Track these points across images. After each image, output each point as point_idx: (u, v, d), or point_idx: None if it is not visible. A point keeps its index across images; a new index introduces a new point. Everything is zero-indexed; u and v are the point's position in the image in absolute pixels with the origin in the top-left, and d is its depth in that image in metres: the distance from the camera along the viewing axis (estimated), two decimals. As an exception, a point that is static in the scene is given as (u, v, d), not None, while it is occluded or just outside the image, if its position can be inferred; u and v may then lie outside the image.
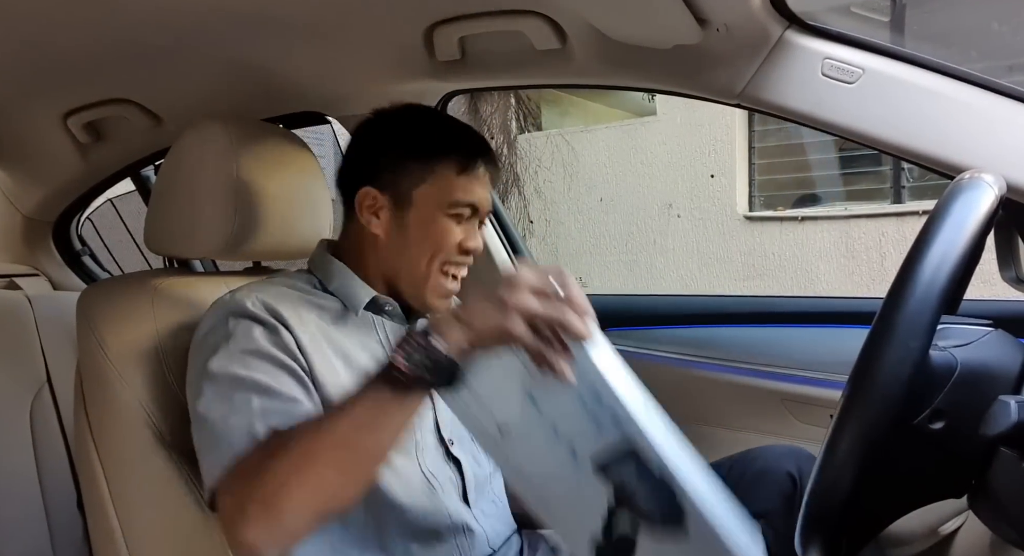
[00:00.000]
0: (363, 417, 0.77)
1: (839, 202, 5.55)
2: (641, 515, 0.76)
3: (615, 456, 0.78)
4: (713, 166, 5.82)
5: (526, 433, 0.80)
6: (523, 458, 0.82)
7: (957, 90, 0.92)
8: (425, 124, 1.06)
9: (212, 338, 0.93)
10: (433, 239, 1.00)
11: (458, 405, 0.81)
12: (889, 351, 0.61)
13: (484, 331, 0.75)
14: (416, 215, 1.00)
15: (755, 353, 1.36)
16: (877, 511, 0.70)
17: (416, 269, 1.01)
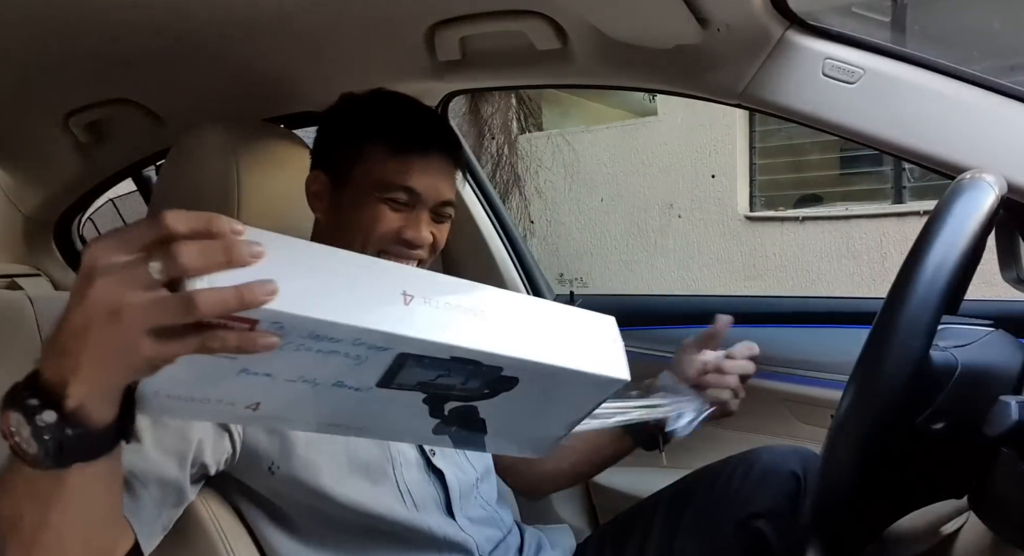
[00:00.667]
0: (22, 491, 0.56)
1: (840, 202, 5.55)
2: (455, 390, 0.64)
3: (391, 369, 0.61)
4: (714, 166, 5.82)
5: (280, 398, 0.61)
6: (303, 414, 0.64)
7: (958, 90, 0.92)
8: (372, 103, 1.01)
9: None
10: (363, 223, 0.94)
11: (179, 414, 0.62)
12: (890, 351, 0.61)
13: (109, 372, 0.50)
14: (351, 196, 0.95)
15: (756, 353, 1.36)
16: (878, 511, 0.70)
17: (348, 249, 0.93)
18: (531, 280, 1.63)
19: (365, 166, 0.95)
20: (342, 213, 0.96)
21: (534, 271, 1.64)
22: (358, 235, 0.94)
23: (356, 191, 0.95)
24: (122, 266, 0.47)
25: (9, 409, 0.52)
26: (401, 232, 0.94)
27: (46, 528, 0.58)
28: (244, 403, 0.60)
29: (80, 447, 0.52)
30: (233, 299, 0.46)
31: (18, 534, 0.58)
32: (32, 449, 0.51)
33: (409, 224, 0.95)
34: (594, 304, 1.64)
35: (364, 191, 0.95)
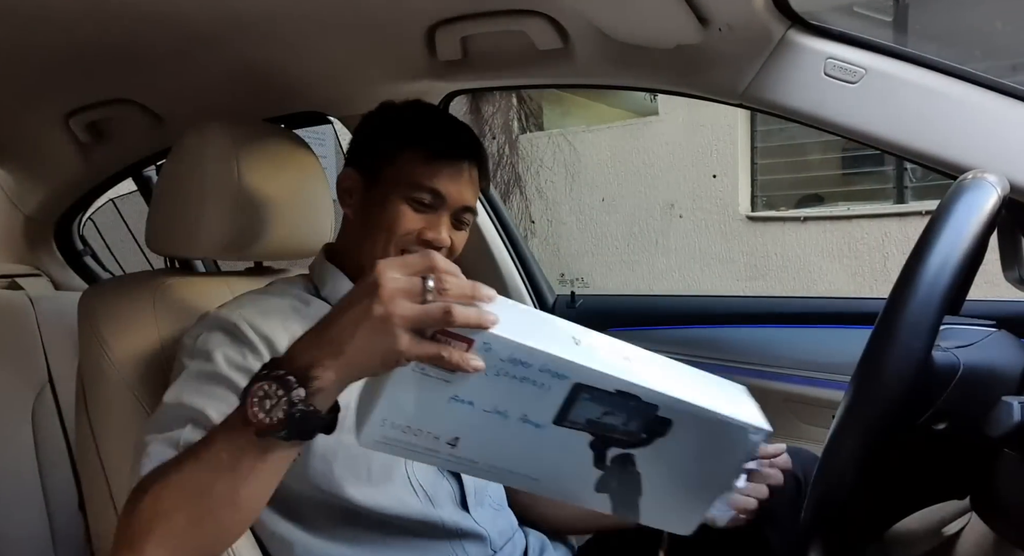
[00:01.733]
0: (215, 463, 0.67)
1: (842, 202, 5.55)
2: (618, 432, 0.74)
3: (567, 401, 0.72)
4: (715, 166, 5.81)
5: (476, 433, 0.72)
6: (490, 457, 0.74)
7: (960, 90, 0.92)
8: (415, 113, 1.06)
9: (187, 350, 0.92)
10: (387, 221, 0.97)
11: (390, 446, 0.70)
12: (892, 352, 0.61)
13: (363, 360, 0.63)
14: (380, 196, 0.99)
15: (757, 353, 1.36)
16: (880, 512, 0.69)
17: (374, 252, 0.97)
18: (532, 280, 1.62)
19: (397, 168, 0.99)
20: (369, 211, 1.00)
21: (535, 271, 1.64)
22: (382, 233, 0.98)
23: (384, 190, 0.99)
24: (405, 280, 0.62)
25: (267, 380, 0.63)
26: (422, 233, 0.98)
27: (232, 504, 0.68)
28: (447, 437, 0.71)
29: (306, 426, 0.64)
30: (475, 317, 0.61)
31: (199, 506, 0.68)
32: (276, 416, 0.63)
33: (430, 225, 0.98)
34: (595, 304, 1.65)
35: (391, 191, 0.98)
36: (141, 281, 1.10)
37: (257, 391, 0.64)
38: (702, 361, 1.41)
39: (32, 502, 1.48)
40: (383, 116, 1.07)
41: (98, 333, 1.02)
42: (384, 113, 1.07)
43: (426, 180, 0.98)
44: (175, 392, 0.87)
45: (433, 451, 0.72)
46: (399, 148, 1.00)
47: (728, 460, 0.78)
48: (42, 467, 1.50)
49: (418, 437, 0.71)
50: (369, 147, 1.04)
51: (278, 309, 0.96)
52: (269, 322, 0.93)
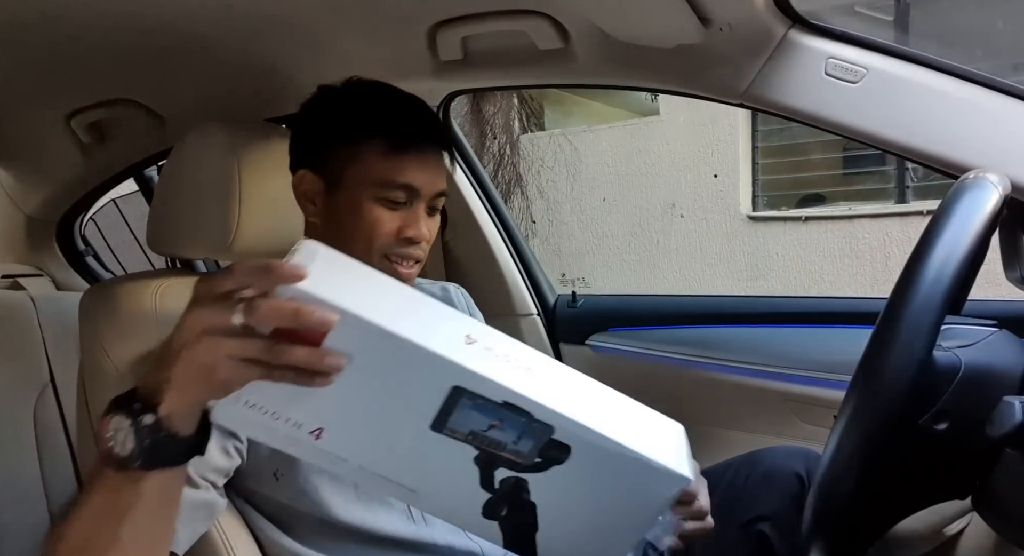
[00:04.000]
0: (97, 506, 0.61)
1: (843, 202, 5.55)
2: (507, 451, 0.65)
3: (445, 405, 0.63)
4: (716, 166, 5.81)
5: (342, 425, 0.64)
6: (360, 455, 0.66)
7: (961, 89, 0.92)
8: (360, 97, 0.97)
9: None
10: (363, 228, 0.92)
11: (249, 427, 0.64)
12: (893, 351, 0.61)
13: (198, 391, 0.58)
14: (346, 199, 0.93)
15: (758, 353, 1.36)
16: (881, 512, 0.69)
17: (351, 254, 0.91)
18: (533, 280, 1.62)
19: (360, 167, 0.93)
20: (338, 217, 0.94)
21: (536, 271, 1.64)
22: (359, 240, 0.92)
23: (352, 193, 0.93)
24: (211, 314, 0.56)
25: (114, 413, 0.59)
26: (401, 232, 0.93)
27: (115, 546, 0.62)
28: (310, 427, 0.63)
29: (166, 451, 0.59)
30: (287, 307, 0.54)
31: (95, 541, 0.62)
32: (128, 448, 0.58)
33: (408, 222, 0.93)
34: (596, 304, 1.65)
35: (359, 193, 0.93)
36: (142, 281, 1.10)
37: (108, 425, 0.59)
38: (702, 361, 1.41)
39: (34, 501, 1.48)
40: (326, 105, 0.98)
41: (99, 333, 1.02)
42: (326, 102, 0.98)
43: (396, 176, 0.92)
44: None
45: (295, 440, 0.64)
46: (357, 143, 0.92)
47: (641, 502, 0.68)
48: (43, 467, 1.50)
49: (277, 421, 0.63)
50: (322, 144, 0.96)
51: None
52: None
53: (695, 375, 1.42)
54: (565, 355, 1.57)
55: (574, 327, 1.57)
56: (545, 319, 1.58)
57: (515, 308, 1.56)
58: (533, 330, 1.56)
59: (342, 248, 0.79)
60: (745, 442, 1.27)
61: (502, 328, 0.68)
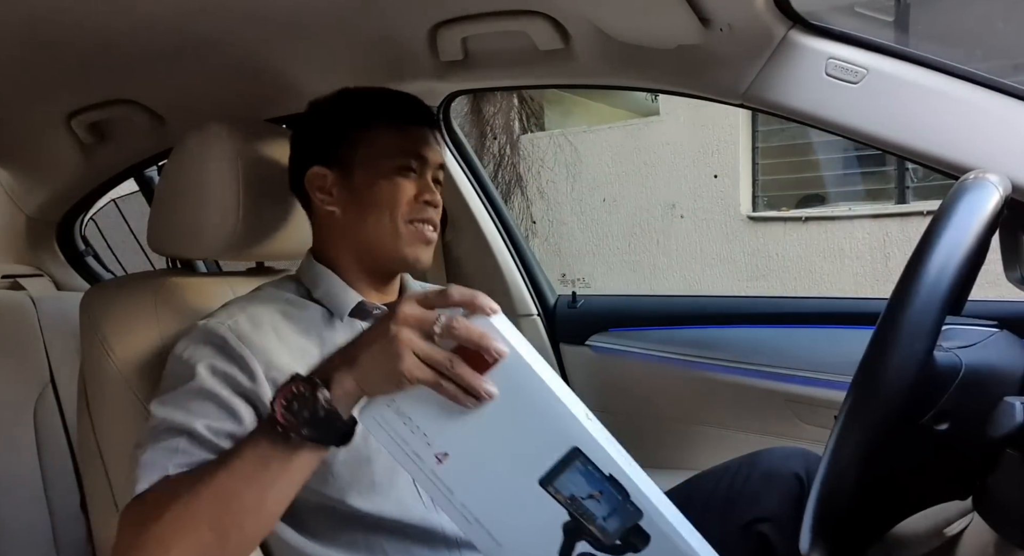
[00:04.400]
0: (243, 471, 0.72)
1: (843, 202, 5.54)
2: (595, 524, 0.72)
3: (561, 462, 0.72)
4: (716, 166, 5.81)
5: (465, 458, 0.72)
6: (467, 492, 0.73)
7: (962, 90, 0.92)
8: (357, 94, 1.06)
9: (175, 362, 0.91)
10: (387, 197, 0.99)
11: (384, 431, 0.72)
12: (893, 352, 0.61)
13: (373, 376, 0.69)
14: (364, 178, 1.00)
15: (758, 354, 1.36)
16: (882, 512, 0.69)
17: (382, 230, 1.00)
18: (533, 280, 1.62)
19: (372, 147, 1.00)
20: (359, 197, 1.01)
21: (536, 271, 1.64)
22: (385, 210, 0.99)
23: (368, 171, 1.00)
24: (420, 312, 0.68)
25: (295, 383, 0.70)
26: (420, 195, 1.01)
27: (257, 512, 0.73)
28: (437, 448, 0.71)
29: (329, 429, 0.70)
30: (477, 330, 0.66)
31: (225, 516, 0.72)
32: (303, 416, 0.69)
33: (423, 188, 1.01)
34: (596, 304, 1.65)
35: (377, 168, 1.00)
36: (143, 281, 1.10)
37: (286, 393, 0.70)
38: (702, 361, 1.41)
39: (34, 502, 1.48)
40: (326, 107, 1.06)
41: (100, 333, 1.02)
42: (320, 111, 1.06)
43: (408, 146, 1.01)
44: (163, 408, 0.87)
45: (418, 457, 0.72)
46: (366, 128, 1.01)
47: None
48: (44, 467, 1.50)
49: (413, 435, 0.71)
50: (331, 138, 1.03)
51: (268, 317, 0.95)
52: (260, 332, 0.92)
53: (695, 375, 1.42)
54: (565, 355, 1.57)
55: (574, 327, 1.57)
56: (545, 319, 1.58)
57: (515, 308, 1.56)
58: (533, 330, 1.56)
59: (366, 225, 0.99)
60: (745, 442, 1.27)
61: None
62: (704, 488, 1.10)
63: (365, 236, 1.01)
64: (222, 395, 0.87)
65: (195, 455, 0.83)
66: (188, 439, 0.83)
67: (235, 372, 0.89)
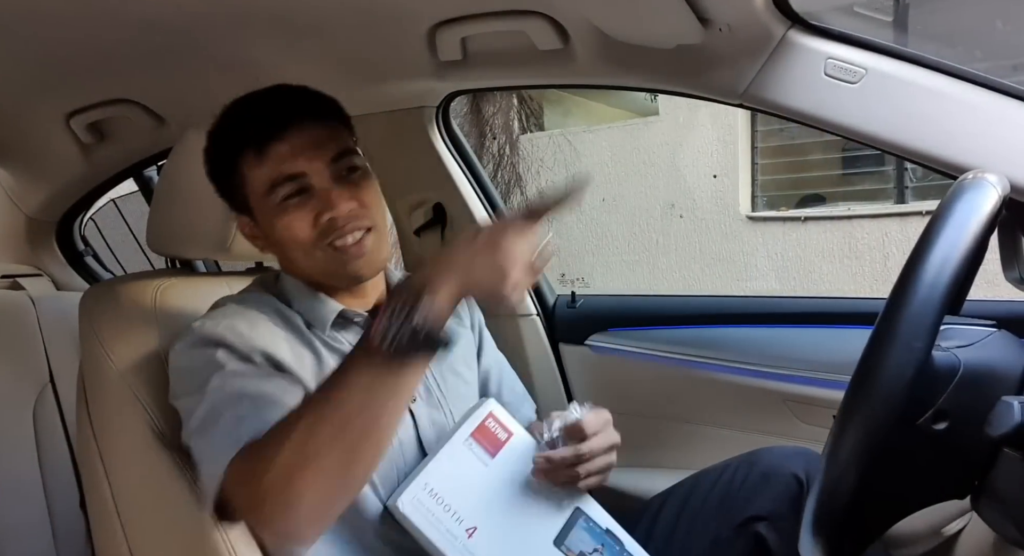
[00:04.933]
0: (358, 389, 0.75)
1: (842, 202, 5.55)
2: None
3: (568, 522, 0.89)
4: (716, 166, 5.81)
5: (491, 530, 0.85)
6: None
7: (961, 90, 0.92)
8: (222, 122, 0.96)
9: (187, 366, 0.90)
10: (287, 237, 0.92)
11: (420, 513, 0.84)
12: (892, 352, 0.61)
13: (480, 278, 0.75)
14: (263, 221, 0.95)
15: (757, 353, 1.36)
16: (881, 512, 0.69)
17: (307, 262, 0.95)
18: (533, 280, 1.62)
19: (247, 186, 0.93)
20: (272, 240, 0.96)
21: (536, 271, 1.63)
22: (295, 248, 0.93)
23: (260, 213, 0.94)
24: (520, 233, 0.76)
25: (395, 298, 0.73)
26: (319, 220, 0.91)
27: (373, 435, 0.76)
28: (467, 524, 0.85)
29: (430, 333, 0.73)
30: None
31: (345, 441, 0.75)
32: (407, 328, 0.72)
33: (321, 207, 0.91)
34: (595, 304, 1.65)
35: (265, 209, 0.93)
36: (142, 281, 1.10)
37: (385, 311, 0.73)
38: (702, 361, 1.41)
39: (33, 501, 1.48)
40: (207, 155, 0.98)
41: (99, 333, 1.02)
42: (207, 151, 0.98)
43: (272, 174, 0.90)
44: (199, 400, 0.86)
45: (452, 535, 0.84)
46: (234, 168, 0.93)
47: None
48: (43, 466, 1.50)
49: (446, 513, 0.84)
50: (221, 187, 0.98)
51: (263, 318, 0.94)
52: (258, 331, 0.92)
53: (695, 375, 1.42)
54: (564, 355, 1.57)
55: (574, 327, 1.56)
56: (545, 319, 1.58)
57: (514, 308, 1.56)
58: (533, 330, 1.56)
59: (292, 259, 0.97)
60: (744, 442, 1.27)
61: (502, 328, 0.76)
62: (702, 486, 1.10)
63: (300, 269, 0.98)
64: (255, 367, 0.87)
65: (265, 403, 0.82)
66: (250, 402, 0.83)
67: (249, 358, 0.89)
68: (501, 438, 0.93)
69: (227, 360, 0.88)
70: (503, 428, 0.94)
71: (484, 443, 0.92)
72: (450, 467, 0.89)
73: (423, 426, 0.99)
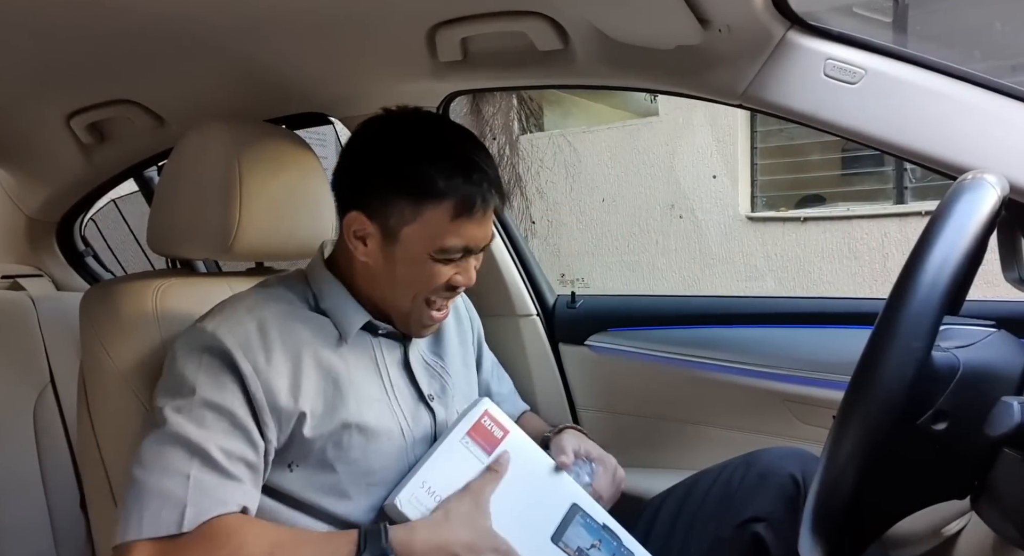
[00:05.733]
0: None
1: (841, 203, 5.55)
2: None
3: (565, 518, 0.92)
4: (715, 167, 5.81)
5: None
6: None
7: (960, 90, 0.92)
8: (423, 150, 0.93)
9: (181, 371, 0.90)
10: (420, 280, 0.95)
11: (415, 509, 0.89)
12: (891, 352, 0.61)
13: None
14: (403, 253, 0.94)
15: (757, 354, 1.36)
16: (880, 512, 0.69)
17: (401, 303, 0.98)
18: (532, 280, 1.62)
19: (422, 228, 0.92)
20: (395, 266, 0.95)
21: (535, 271, 1.64)
22: (409, 290, 0.96)
23: (409, 249, 0.94)
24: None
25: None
26: (452, 281, 0.96)
27: None
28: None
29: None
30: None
31: None
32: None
33: (461, 270, 0.96)
34: (595, 304, 1.65)
35: (418, 251, 0.93)
36: (142, 281, 1.10)
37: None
38: (701, 361, 1.42)
39: (34, 501, 1.48)
40: (386, 147, 0.95)
41: (100, 333, 1.02)
42: (386, 142, 0.95)
43: (456, 241, 0.93)
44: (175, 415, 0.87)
45: None
46: (422, 205, 0.91)
47: None
48: (43, 466, 1.50)
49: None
50: (380, 194, 0.94)
51: (276, 328, 0.94)
52: (265, 348, 0.91)
53: (694, 375, 1.42)
54: (564, 355, 1.57)
55: (573, 327, 1.57)
56: (544, 319, 1.58)
57: (514, 308, 1.56)
58: (532, 330, 1.56)
59: (389, 289, 0.98)
60: (744, 442, 1.27)
61: (502, 328, 0.74)
62: (701, 487, 1.10)
63: (381, 293, 0.99)
64: (232, 410, 0.87)
65: (208, 485, 0.83)
66: (200, 463, 0.84)
67: (241, 384, 0.89)
68: (497, 436, 0.95)
69: (208, 389, 0.87)
70: (499, 426, 0.96)
71: (480, 441, 0.94)
72: (447, 465, 0.91)
73: (440, 423, 1.02)
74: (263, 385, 0.90)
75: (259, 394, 0.89)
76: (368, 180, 0.95)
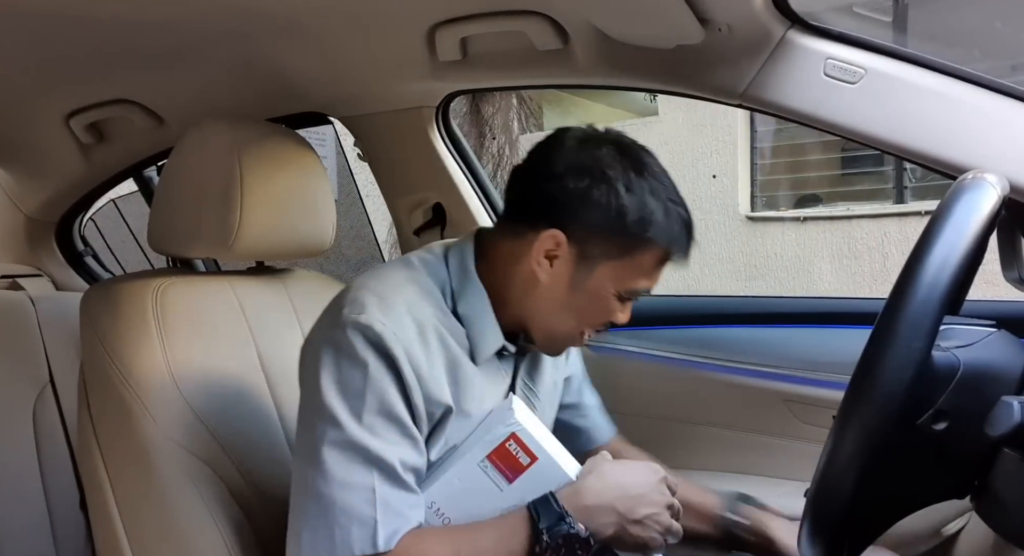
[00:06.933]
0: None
1: (841, 202, 5.55)
2: None
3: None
4: (715, 166, 5.81)
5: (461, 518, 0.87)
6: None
7: (960, 90, 0.92)
8: (648, 190, 0.90)
9: (348, 368, 0.84)
10: (593, 313, 0.93)
11: None
12: (891, 352, 0.61)
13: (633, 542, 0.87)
14: (593, 285, 0.91)
15: (757, 354, 1.36)
16: (880, 512, 0.69)
17: (559, 328, 0.94)
18: (532, 280, 1.62)
19: (623, 268, 0.90)
20: (575, 294, 0.91)
21: (535, 271, 1.63)
22: (579, 320, 0.93)
23: (600, 283, 0.91)
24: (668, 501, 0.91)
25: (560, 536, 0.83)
26: (615, 318, 0.94)
27: None
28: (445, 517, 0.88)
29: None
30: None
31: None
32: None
33: (625, 310, 0.95)
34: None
35: (608, 287, 0.91)
36: (142, 281, 1.10)
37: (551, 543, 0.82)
38: (701, 361, 1.42)
39: (33, 501, 1.48)
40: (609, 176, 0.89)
41: (99, 333, 1.02)
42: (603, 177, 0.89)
43: (647, 282, 0.92)
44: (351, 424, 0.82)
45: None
46: (633, 245, 0.89)
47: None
48: (43, 467, 1.50)
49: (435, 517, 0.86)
50: (588, 226, 0.89)
51: (432, 330, 0.88)
52: (428, 354, 0.87)
53: (694, 375, 1.42)
54: (564, 355, 1.57)
55: (573, 327, 1.57)
56: (544, 319, 1.58)
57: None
58: (532, 330, 1.56)
59: (555, 313, 0.94)
60: (744, 442, 1.28)
61: None
62: None
63: (539, 314, 0.93)
64: (402, 418, 0.84)
65: (392, 499, 0.82)
66: (381, 476, 0.82)
67: (401, 393, 0.84)
68: (523, 463, 0.86)
69: (378, 393, 0.83)
70: (526, 452, 0.86)
71: (502, 467, 0.86)
72: (460, 487, 0.84)
73: None
74: (424, 395, 0.85)
75: (420, 404, 0.85)
76: (583, 204, 0.89)
